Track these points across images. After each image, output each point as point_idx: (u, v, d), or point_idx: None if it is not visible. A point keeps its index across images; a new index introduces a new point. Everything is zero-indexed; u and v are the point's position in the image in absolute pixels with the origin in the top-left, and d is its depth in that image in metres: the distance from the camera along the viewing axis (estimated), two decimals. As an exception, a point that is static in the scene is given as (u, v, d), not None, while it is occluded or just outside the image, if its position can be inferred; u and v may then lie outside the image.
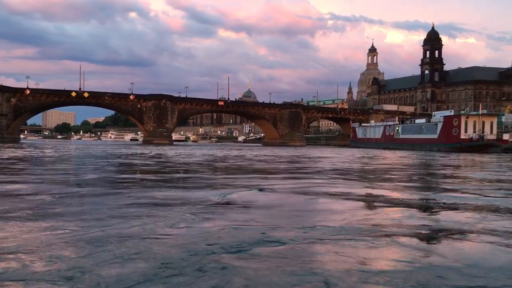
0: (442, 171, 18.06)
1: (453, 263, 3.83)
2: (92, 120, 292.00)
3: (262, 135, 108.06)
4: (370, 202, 7.97)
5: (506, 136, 50.57)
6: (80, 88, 77.56)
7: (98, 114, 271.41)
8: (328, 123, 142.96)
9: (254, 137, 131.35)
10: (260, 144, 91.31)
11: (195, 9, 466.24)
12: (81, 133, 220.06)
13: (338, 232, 4.97)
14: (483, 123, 51.08)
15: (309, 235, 4.79)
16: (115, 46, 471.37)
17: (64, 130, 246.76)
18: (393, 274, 3.50)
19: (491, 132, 51.07)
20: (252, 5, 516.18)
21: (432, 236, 5.05)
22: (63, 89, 77.31)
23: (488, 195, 9.25)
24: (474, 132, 50.31)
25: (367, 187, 10.88)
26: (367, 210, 7.06)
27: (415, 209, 7.09)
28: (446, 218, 6.22)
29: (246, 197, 8.26)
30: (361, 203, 7.79)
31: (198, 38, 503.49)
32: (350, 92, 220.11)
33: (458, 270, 3.63)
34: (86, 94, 75.96)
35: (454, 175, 15.90)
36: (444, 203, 7.77)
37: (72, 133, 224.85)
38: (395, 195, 9.12)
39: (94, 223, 5.32)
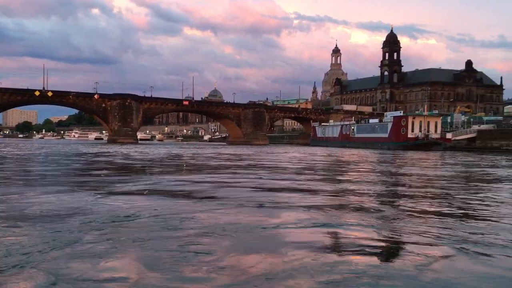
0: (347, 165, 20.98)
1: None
2: (55, 119, 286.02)
3: (227, 134, 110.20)
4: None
5: (449, 135, 54.71)
6: (43, 87, 77.63)
7: (61, 113, 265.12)
8: (292, 123, 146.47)
9: (220, 136, 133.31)
10: (224, 143, 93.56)
11: (159, 7, 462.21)
12: (44, 132, 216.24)
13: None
14: (428, 123, 55.24)
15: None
16: (78, 43, 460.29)
17: (26, 129, 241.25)
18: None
19: (436, 131, 55.28)
20: (217, 4, 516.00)
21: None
22: (26, 88, 76.94)
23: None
24: (420, 131, 54.40)
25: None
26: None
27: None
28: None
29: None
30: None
31: (163, 36, 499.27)
32: (314, 91, 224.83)
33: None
34: (50, 94, 76.09)
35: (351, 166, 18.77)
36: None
37: (34, 132, 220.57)
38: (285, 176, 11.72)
39: None
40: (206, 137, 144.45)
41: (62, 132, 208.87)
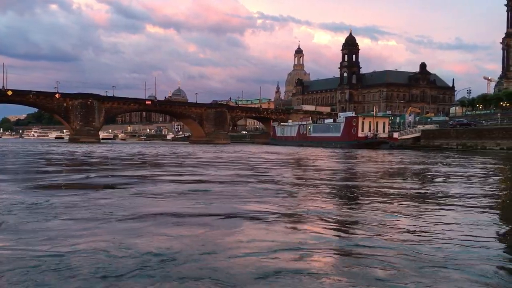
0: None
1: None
2: (13, 118, 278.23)
3: (190, 133, 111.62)
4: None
5: (396, 135, 58.49)
6: (3, 86, 76.94)
7: (20, 111, 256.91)
8: (254, 122, 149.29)
9: (183, 136, 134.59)
10: (187, 142, 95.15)
11: (120, 3, 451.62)
12: (1, 131, 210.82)
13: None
14: (377, 123, 59.08)
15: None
16: (36, 40, 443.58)
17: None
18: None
19: (384, 131, 59.18)
20: (180, 2, 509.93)
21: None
22: (-16, 87, 76.16)
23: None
24: (369, 131, 58.10)
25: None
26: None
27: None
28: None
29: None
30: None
31: (124, 34, 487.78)
32: (278, 91, 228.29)
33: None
34: (9, 92, 75.50)
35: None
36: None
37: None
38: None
39: None
40: (169, 137, 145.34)
41: (20, 131, 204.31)
